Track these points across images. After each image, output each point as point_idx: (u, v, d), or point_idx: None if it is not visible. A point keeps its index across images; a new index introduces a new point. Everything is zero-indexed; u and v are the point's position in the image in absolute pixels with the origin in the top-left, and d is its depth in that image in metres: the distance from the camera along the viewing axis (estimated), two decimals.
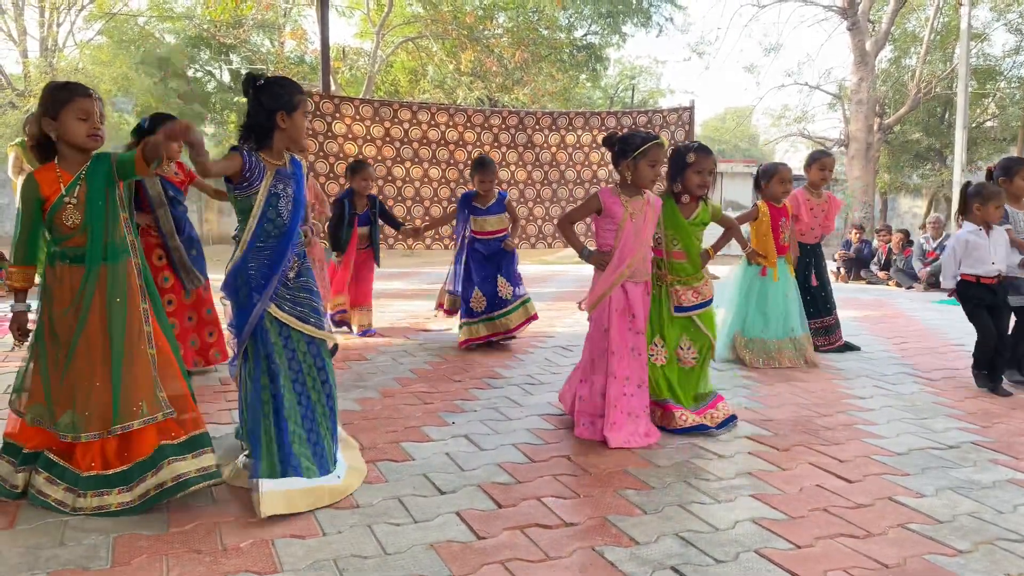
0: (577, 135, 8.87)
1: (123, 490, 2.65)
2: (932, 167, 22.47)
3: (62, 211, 2.66)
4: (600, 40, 22.90)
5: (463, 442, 3.47)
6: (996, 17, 20.69)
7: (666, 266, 3.79)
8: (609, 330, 3.51)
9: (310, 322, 2.93)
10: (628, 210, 3.50)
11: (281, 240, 2.86)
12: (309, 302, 2.96)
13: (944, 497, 2.89)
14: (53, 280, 2.70)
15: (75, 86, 2.76)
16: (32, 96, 17.10)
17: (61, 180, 2.68)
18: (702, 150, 3.70)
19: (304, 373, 2.91)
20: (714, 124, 43.51)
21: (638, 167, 3.48)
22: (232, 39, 19.56)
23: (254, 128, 2.84)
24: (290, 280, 2.91)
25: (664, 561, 2.35)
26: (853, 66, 18.08)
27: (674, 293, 3.76)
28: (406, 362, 5.17)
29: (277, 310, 2.85)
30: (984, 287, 4.55)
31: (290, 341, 2.89)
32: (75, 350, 2.66)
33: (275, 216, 2.85)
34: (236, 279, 2.84)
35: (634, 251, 3.50)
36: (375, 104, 8.25)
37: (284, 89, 2.83)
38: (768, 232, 5.19)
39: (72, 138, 2.70)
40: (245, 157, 2.78)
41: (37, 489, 2.69)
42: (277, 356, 2.84)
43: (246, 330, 2.81)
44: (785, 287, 5.25)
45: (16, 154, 8.27)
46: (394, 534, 2.51)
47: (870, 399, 4.33)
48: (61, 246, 2.70)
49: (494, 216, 5.55)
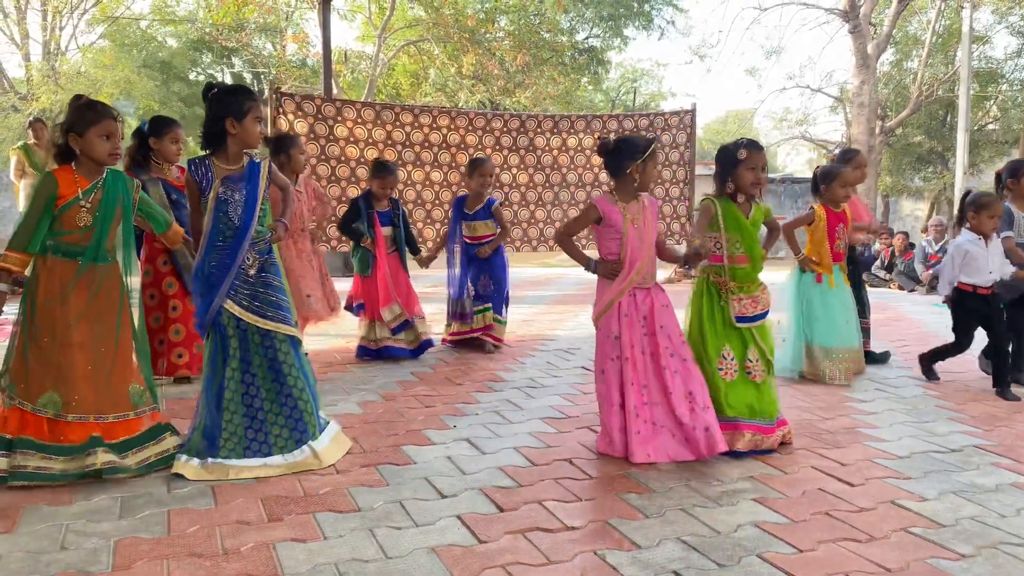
0: (578, 138, 8.87)
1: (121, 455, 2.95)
2: (934, 170, 22.43)
3: (75, 211, 2.96)
4: (602, 43, 22.92)
5: (464, 445, 3.47)
6: (998, 20, 20.68)
7: (727, 273, 3.51)
8: (620, 337, 3.34)
9: (267, 316, 3.17)
10: (627, 216, 3.37)
11: (234, 240, 3.13)
12: (267, 297, 3.20)
13: (947, 501, 2.88)
14: (43, 270, 2.98)
15: (103, 108, 3.05)
16: (35, 100, 17.14)
17: (79, 184, 2.99)
18: (753, 145, 3.48)
19: (257, 365, 3.16)
20: (715, 127, 43.51)
21: (647, 169, 3.37)
22: (234, 42, 19.58)
23: (207, 135, 3.15)
24: (251, 277, 3.17)
25: (666, 565, 2.34)
26: (855, 69, 18.06)
27: (736, 302, 3.47)
28: (407, 365, 5.16)
29: (233, 305, 3.13)
30: (980, 298, 4.56)
31: (246, 334, 3.16)
32: (62, 339, 2.94)
33: (225, 220, 3.14)
34: (198, 276, 3.16)
35: (641, 256, 3.37)
36: (377, 107, 8.26)
37: (235, 97, 3.11)
38: (824, 238, 4.86)
39: (95, 155, 3.00)
40: (193, 173, 3.15)
41: (34, 467, 2.86)
42: (231, 348, 3.13)
43: (205, 323, 3.14)
44: (842, 295, 4.92)
45: (18, 158, 8.27)
46: (395, 538, 2.50)
47: (872, 402, 4.32)
48: (57, 240, 2.97)
49: (481, 221, 5.55)
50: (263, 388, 3.17)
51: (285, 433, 3.16)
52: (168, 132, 4.46)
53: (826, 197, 4.95)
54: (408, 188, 8.19)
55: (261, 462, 3.07)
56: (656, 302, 3.39)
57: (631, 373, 3.31)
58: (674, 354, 3.36)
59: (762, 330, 3.51)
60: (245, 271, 3.15)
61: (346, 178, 7.94)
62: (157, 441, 3.09)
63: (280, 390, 3.18)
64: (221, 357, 3.14)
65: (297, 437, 3.16)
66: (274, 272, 3.26)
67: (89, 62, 19.64)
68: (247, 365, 3.15)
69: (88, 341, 2.99)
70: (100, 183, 3.03)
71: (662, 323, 3.37)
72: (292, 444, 3.15)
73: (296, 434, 3.17)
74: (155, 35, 21.40)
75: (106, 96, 17.42)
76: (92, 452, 2.88)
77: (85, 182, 3.00)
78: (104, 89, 17.89)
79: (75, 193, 2.96)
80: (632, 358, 3.32)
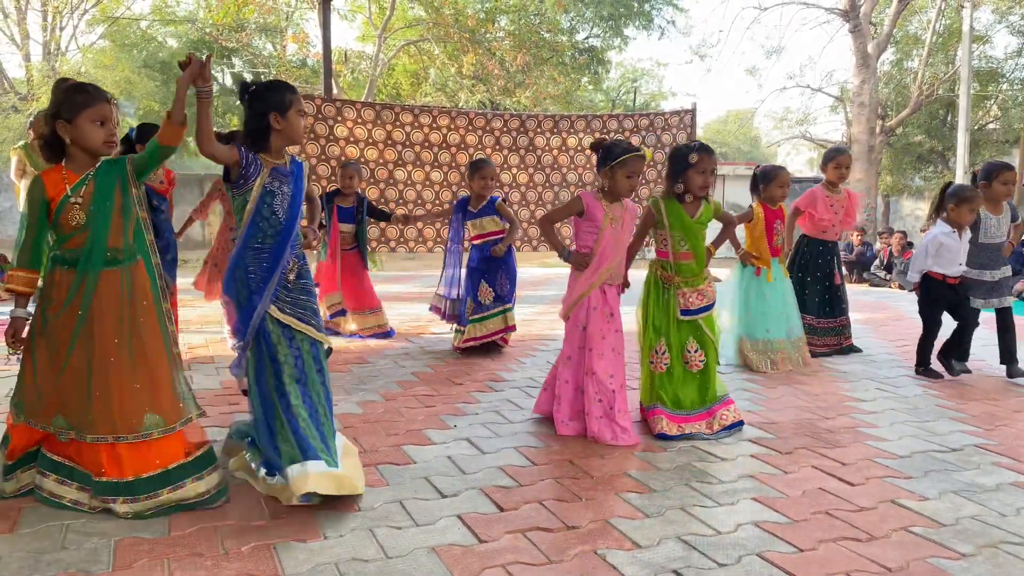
0: (578, 138, 8.85)
1: (127, 500, 2.62)
2: (934, 169, 22.43)
3: (67, 211, 2.62)
4: (602, 43, 22.91)
5: (464, 445, 3.47)
6: (998, 19, 20.67)
7: (672, 268, 3.77)
8: (587, 327, 3.59)
9: (311, 324, 2.96)
10: (609, 215, 3.57)
11: (278, 240, 2.88)
12: (309, 304, 2.99)
13: (947, 500, 2.88)
14: (51, 284, 2.68)
15: (93, 89, 2.70)
16: (35, 100, 17.13)
17: (67, 180, 2.64)
18: (704, 150, 3.70)
19: (307, 374, 2.93)
20: (716, 127, 43.49)
21: (615, 176, 3.54)
22: (234, 43, 19.58)
23: (252, 133, 2.90)
24: (290, 282, 2.93)
25: (666, 564, 2.34)
26: (855, 69, 18.06)
27: (681, 296, 3.74)
28: (407, 365, 5.16)
29: (278, 312, 2.87)
30: (948, 286, 4.83)
31: (294, 342, 2.92)
32: (72, 354, 2.63)
33: (270, 214, 2.86)
34: (234, 280, 2.87)
35: (613, 256, 3.61)
36: (377, 107, 8.25)
37: (275, 92, 2.90)
38: (763, 234, 5.20)
39: (88, 144, 2.65)
40: (242, 152, 2.83)
41: (48, 491, 2.70)
42: (281, 356, 2.87)
43: (249, 332, 2.84)
44: (782, 287, 5.27)
45: (19, 157, 8.23)
46: (395, 537, 2.50)
47: (872, 402, 4.32)
48: (61, 248, 2.67)
49: (488, 217, 5.53)
50: (311, 398, 2.93)
51: (335, 447, 2.92)
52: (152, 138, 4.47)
53: (765, 196, 5.27)
54: (408, 188, 8.18)
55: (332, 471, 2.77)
56: (618, 303, 3.68)
57: (595, 363, 3.56)
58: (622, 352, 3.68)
59: (708, 320, 3.79)
60: (285, 276, 2.91)
61: None
62: (174, 488, 2.67)
63: (325, 403, 2.98)
64: (272, 369, 2.86)
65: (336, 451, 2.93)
66: (309, 278, 3.04)
67: (89, 62, 19.65)
68: (300, 374, 2.91)
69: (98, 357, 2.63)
70: (91, 174, 2.66)
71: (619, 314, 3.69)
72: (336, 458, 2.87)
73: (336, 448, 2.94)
74: (155, 35, 21.40)
75: None
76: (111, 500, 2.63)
77: (75, 176, 2.64)
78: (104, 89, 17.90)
79: (63, 191, 2.61)
80: (599, 349, 3.57)
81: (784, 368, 5.12)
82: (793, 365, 5.16)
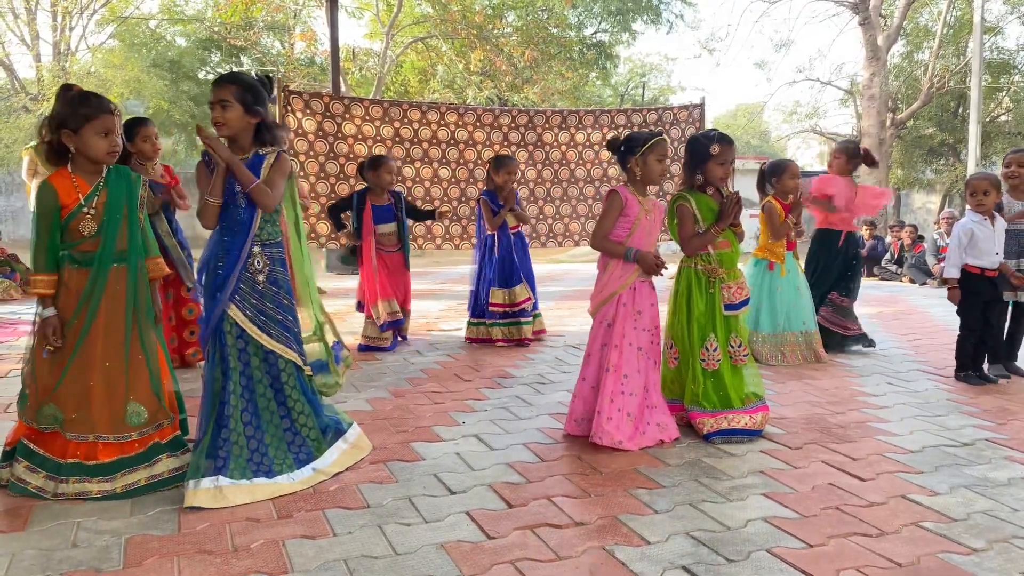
0: (587, 133, 8.84)
1: (103, 480, 2.77)
2: (946, 162, 22.26)
3: (79, 220, 2.75)
4: (610, 38, 22.83)
5: (473, 442, 3.47)
6: (1010, 10, 20.46)
7: (715, 260, 3.61)
8: (613, 325, 3.45)
9: (270, 334, 2.93)
10: (644, 208, 3.47)
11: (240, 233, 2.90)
12: (275, 315, 2.96)
13: (958, 495, 2.86)
14: (60, 284, 2.78)
15: (98, 101, 2.78)
16: (46, 100, 17.22)
17: (79, 189, 2.75)
18: (724, 140, 3.57)
19: (256, 382, 2.93)
20: (725, 120, 43.23)
21: (647, 162, 3.44)
22: (243, 41, 19.60)
23: None
24: (259, 284, 2.94)
25: (675, 561, 2.34)
26: (865, 61, 17.95)
27: (726, 289, 3.59)
28: (417, 362, 5.17)
29: (238, 313, 2.89)
30: (987, 280, 4.58)
31: (248, 347, 2.92)
32: (76, 352, 2.77)
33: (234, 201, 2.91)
34: (205, 270, 2.96)
35: (648, 249, 3.48)
36: (385, 104, 8.25)
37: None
38: None
39: (92, 154, 2.76)
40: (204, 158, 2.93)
41: (17, 477, 2.79)
42: (231, 358, 2.89)
43: (208, 329, 2.92)
44: (795, 281, 5.25)
45: (30, 157, 8.30)
46: (404, 534, 2.51)
47: (883, 396, 4.30)
48: (71, 250, 2.78)
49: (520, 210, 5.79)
50: (264, 408, 2.95)
51: (289, 459, 2.95)
52: (138, 133, 4.50)
53: (778, 189, 5.22)
54: (416, 185, 8.18)
55: (270, 482, 2.84)
56: (647, 301, 3.52)
57: (615, 360, 3.41)
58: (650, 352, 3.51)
59: (735, 317, 3.66)
60: (253, 276, 2.91)
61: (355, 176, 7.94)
62: (150, 464, 2.84)
63: (281, 412, 2.99)
64: (221, 368, 2.88)
65: (303, 458, 2.98)
66: (285, 288, 3.00)
67: (99, 62, 19.70)
68: (249, 380, 2.91)
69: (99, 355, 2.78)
70: (102, 184, 2.79)
71: (656, 322, 3.54)
72: (295, 465, 2.94)
73: (302, 455, 2.99)
74: (164, 34, 21.43)
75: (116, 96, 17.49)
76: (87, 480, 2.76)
77: (86, 186, 2.76)
78: (114, 89, 17.96)
79: (77, 201, 2.73)
80: (620, 347, 3.42)
81: (794, 361, 5.13)
82: (804, 359, 5.16)
